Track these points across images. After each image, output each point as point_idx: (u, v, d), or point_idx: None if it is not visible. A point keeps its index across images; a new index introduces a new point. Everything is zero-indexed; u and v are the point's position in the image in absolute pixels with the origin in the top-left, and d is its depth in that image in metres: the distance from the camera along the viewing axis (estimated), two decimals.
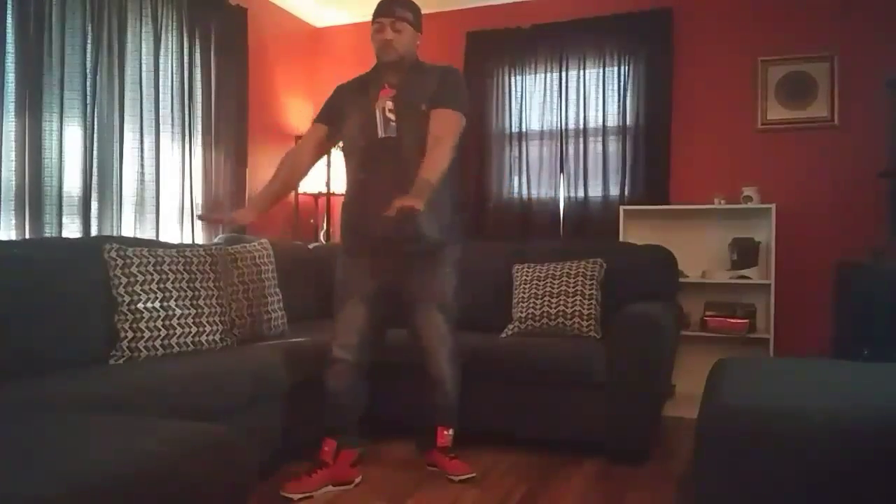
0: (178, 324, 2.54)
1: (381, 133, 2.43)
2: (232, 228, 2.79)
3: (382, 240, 2.45)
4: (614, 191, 4.10)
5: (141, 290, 2.49)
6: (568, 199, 4.20)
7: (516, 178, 4.31)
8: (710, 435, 1.54)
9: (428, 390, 2.61)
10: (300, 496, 2.38)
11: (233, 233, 3.37)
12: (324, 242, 4.38)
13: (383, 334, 2.67)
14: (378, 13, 2.49)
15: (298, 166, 2.66)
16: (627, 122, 4.07)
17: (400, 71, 2.51)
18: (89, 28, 3.06)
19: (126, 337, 2.42)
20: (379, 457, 2.84)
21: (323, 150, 2.72)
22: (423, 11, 2.60)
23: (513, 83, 4.34)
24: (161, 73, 3.48)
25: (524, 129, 4.31)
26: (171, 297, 2.55)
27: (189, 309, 2.58)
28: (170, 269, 2.59)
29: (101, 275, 2.47)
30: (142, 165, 3.36)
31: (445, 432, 2.62)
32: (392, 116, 2.43)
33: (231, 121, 3.91)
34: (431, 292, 2.54)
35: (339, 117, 2.59)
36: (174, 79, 3.56)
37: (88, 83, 3.05)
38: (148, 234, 3.37)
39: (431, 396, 2.62)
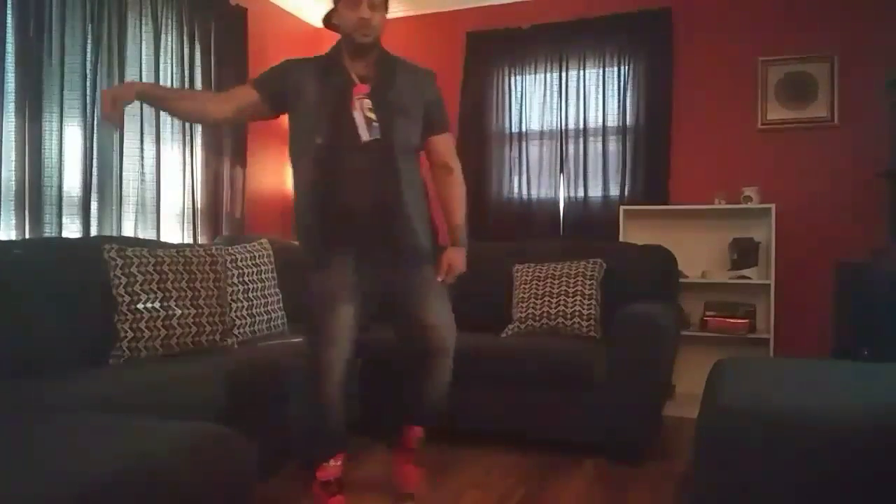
0: (178, 324, 2.54)
1: (364, 136, 2.13)
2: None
3: (367, 242, 2.19)
4: (614, 191, 4.10)
5: (141, 290, 2.49)
6: (568, 199, 4.20)
7: (516, 178, 4.31)
8: (710, 435, 1.54)
9: (421, 380, 2.33)
10: None
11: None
12: None
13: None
14: None
15: (206, 114, 2.28)
16: (627, 122, 4.07)
17: (368, 59, 2.19)
18: (89, 28, 3.06)
19: (126, 337, 2.42)
20: (380, 456, 2.84)
21: (240, 116, 2.37)
22: (424, 11, 2.58)
23: (513, 83, 4.34)
24: (161, 73, 3.48)
25: (524, 129, 4.30)
26: (171, 297, 2.55)
27: (189, 309, 2.58)
28: (170, 269, 2.59)
29: (101, 275, 2.47)
30: (142, 165, 3.36)
31: (419, 430, 2.43)
32: (373, 116, 2.14)
33: None
34: (427, 287, 2.26)
35: (283, 102, 2.23)
36: (174, 79, 3.56)
37: (88, 83, 3.05)
38: (149, 235, 3.38)
39: (424, 388, 2.34)
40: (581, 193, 4.16)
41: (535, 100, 4.29)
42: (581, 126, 4.16)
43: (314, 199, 2.16)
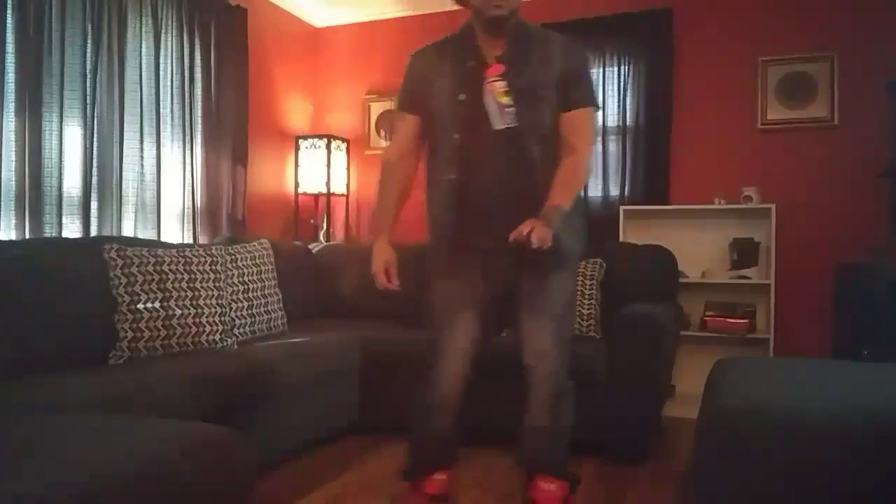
0: (178, 324, 2.54)
1: (496, 124, 1.91)
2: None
3: (494, 251, 1.98)
4: (614, 191, 4.09)
5: (141, 290, 2.49)
6: None
7: None
8: (710, 435, 1.54)
9: (525, 420, 2.09)
10: None
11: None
12: (324, 242, 4.38)
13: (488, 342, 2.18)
14: None
15: (411, 173, 2.12)
16: (627, 122, 4.07)
17: (502, 34, 1.97)
18: (89, 28, 3.06)
19: (126, 337, 2.42)
20: (380, 456, 2.84)
21: (421, 144, 2.12)
22: (424, 11, 2.55)
23: None
24: (161, 73, 3.48)
25: None
26: (171, 297, 2.55)
27: (189, 309, 2.58)
28: (170, 270, 2.59)
29: (101, 275, 2.47)
30: (142, 165, 3.36)
31: (544, 484, 2.03)
32: (508, 101, 1.91)
33: (231, 121, 3.91)
34: (542, 301, 2.01)
35: (426, 99, 2.03)
36: (174, 79, 3.56)
37: (88, 83, 3.05)
38: (149, 235, 3.38)
39: (527, 429, 2.09)
40: (581, 193, 4.15)
41: None
42: None
43: (452, 198, 1.97)
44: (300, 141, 4.49)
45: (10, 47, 2.74)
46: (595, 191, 4.14)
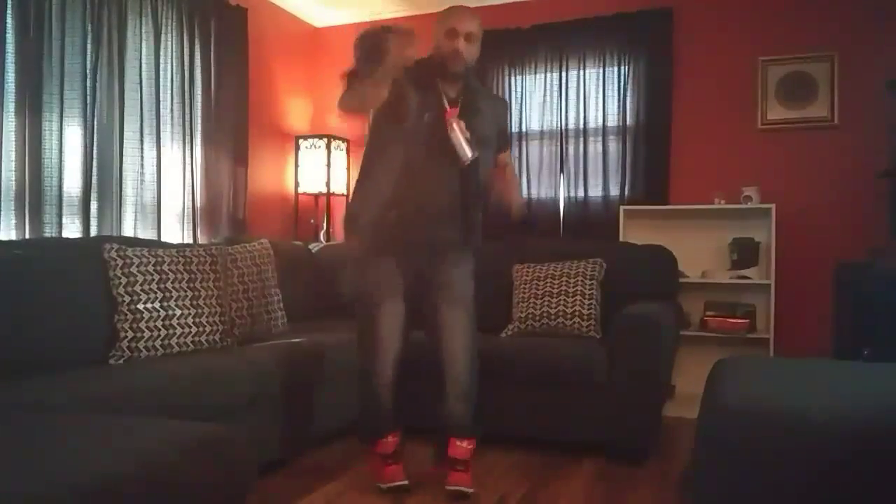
0: (178, 324, 2.54)
1: (467, 155, 2.30)
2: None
3: (423, 244, 2.42)
4: (614, 191, 4.09)
5: (141, 290, 2.49)
6: (568, 199, 4.20)
7: None
8: (710, 435, 1.54)
9: (445, 393, 2.44)
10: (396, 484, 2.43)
11: None
12: (324, 242, 4.38)
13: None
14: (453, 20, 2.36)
15: None
16: (627, 122, 4.07)
17: (457, 83, 2.41)
18: (89, 28, 3.06)
19: (126, 337, 2.42)
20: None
21: None
22: (423, 11, 2.59)
23: (513, 83, 4.34)
24: (161, 72, 3.48)
25: (524, 129, 4.30)
26: (171, 297, 2.55)
27: (189, 309, 2.58)
28: (170, 269, 2.59)
29: (101, 275, 2.47)
30: (142, 165, 3.36)
31: (458, 443, 2.44)
32: (469, 136, 2.32)
33: (231, 121, 3.91)
34: (457, 290, 2.44)
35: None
36: (174, 79, 3.56)
37: (88, 83, 3.05)
38: (149, 235, 3.38)
39: (447, 401, 2.44)
40: (581, 193, 4.16)
41: (535, 100, 4.29)
42: (581, 126, 4.16)
43: (399, 207, 2.35)
44: (300, 141, 4.49)
45: (10, 47, 2.74)
46: (595, 191, 4.14)
